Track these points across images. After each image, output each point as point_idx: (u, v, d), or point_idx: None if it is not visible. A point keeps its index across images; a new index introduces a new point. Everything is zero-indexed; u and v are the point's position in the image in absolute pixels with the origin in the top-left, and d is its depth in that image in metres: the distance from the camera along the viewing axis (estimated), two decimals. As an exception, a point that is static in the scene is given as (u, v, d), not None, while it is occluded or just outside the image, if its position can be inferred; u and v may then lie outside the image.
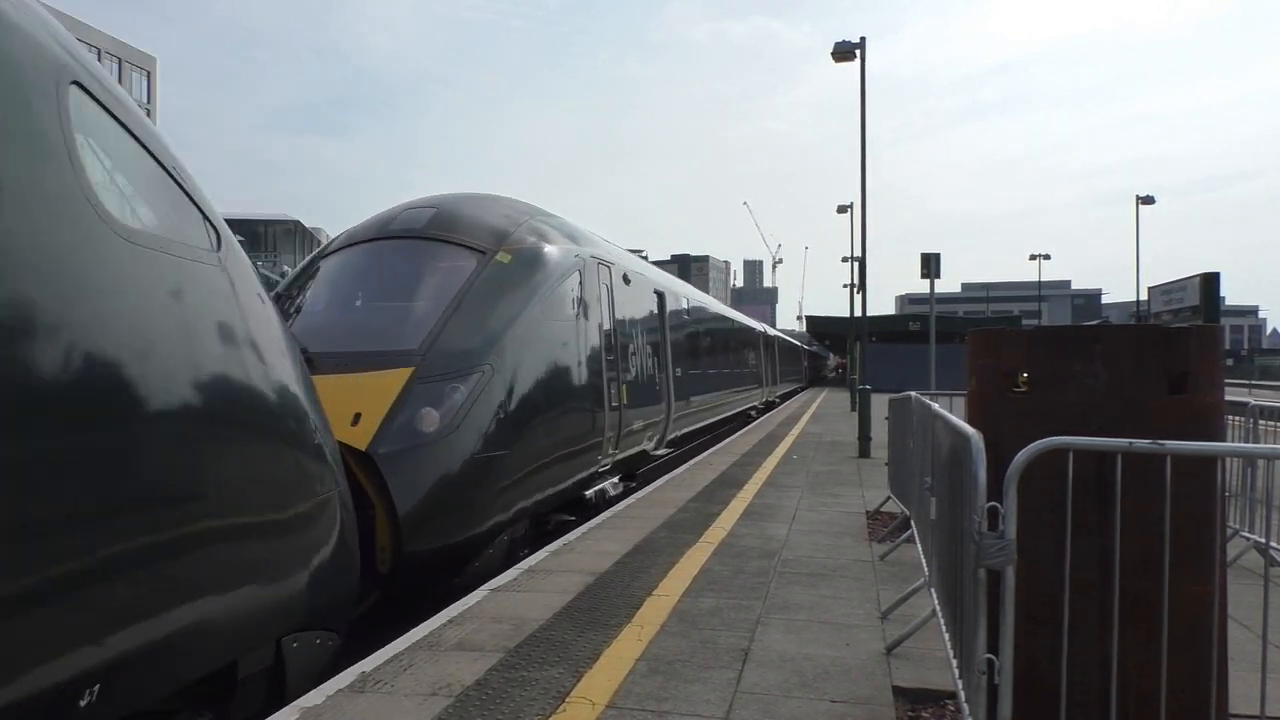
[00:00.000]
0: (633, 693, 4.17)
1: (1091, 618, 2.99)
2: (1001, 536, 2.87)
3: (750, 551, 7.30)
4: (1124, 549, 2.94)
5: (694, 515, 9.03)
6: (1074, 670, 2.99)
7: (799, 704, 4.04)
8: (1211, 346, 3.09)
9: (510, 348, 7.67)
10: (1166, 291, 39.65)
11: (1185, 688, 2.97)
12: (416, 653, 4.76)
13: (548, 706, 4.01)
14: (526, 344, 7.97)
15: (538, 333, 8.23)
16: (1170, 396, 3.01)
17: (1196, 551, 2.99)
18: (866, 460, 14.63)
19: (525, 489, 7.78)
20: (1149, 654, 2.94)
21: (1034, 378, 3.18)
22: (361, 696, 4.13)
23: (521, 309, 8.03)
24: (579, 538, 7.87)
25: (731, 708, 3.99)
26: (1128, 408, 3.02)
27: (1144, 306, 44.23)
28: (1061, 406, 3.09)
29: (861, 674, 4.44)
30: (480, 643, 4.92)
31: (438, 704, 4.03)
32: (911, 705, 4.10)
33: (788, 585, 6.21)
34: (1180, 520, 2.94)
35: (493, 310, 7.75)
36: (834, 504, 9.94)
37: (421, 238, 8.42)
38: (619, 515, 9.05)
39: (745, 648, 4.84)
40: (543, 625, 5.24)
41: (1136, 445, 2.83)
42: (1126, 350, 3.05)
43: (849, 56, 18.96)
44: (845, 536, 8.02)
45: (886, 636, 5.03)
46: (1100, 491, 2.97)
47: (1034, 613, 3.05)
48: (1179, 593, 2.95)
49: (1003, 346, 3.30)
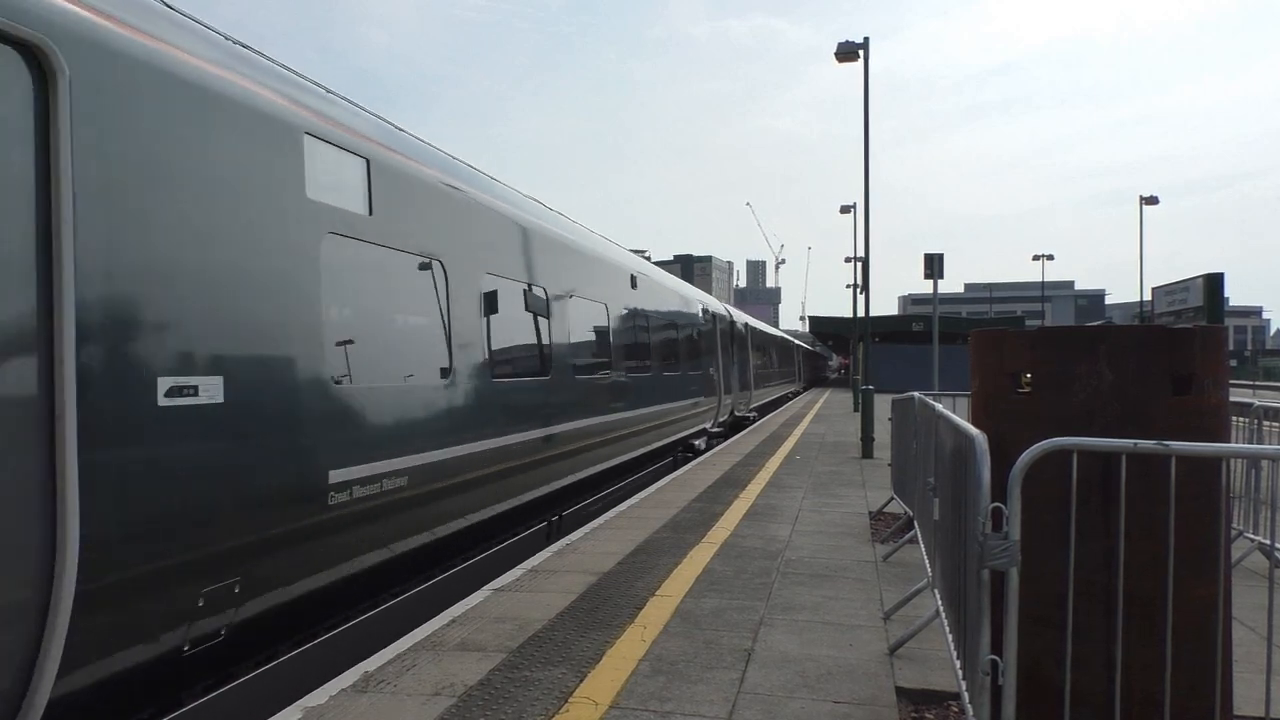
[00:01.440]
0: (636, 693, 4.17)
1: (1095, 619, 2.99)
2: (1005, 537, 2.86)
3: (753, 552, 7.30)
4: (1128, 550, 2.94)
5: (697, 515, 9.03)
6: (1078, 671, 2.99)
7: (802, 705, 4.04)
8: (1215, 347, 3.09)
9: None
10: (1170, 292, 39.58)
11: (1189, 689, 2.96)
12: (419, 653, 4.76)
13: (551, 706, 4.01)
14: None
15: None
16: (1174, 397, 3.01)
17: (1201, 553, 2.98)
18: (869, 461, 14.61)
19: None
20: (1153, 655, 2.94)
21: (1038, 378, 3.17)
22: (364, 696, 4.14)
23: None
24: (582, 537, 7.87)
25: (735, 708, 3.99)
26: (1132, 408, 3.02)
27: (1147, 307, 44.17)
28: (1065, 407, 3.09)
29: (864, 675, 4.43)
30: (483, 643, 4.92)
31: (441, 704, 4.03)
32: (915, 706, 4.09)
33: (791, 586, 6.21)
34: (1184, 521, 2.94)
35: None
36: (837, 505, 9.93)
37: None
38: (622, 515, 9.05)
39: (748, 648, 4.83)
40: (546, 625, 5.24)
41: (1141, 446, 2.82)
42: (1131, 351, 3.04)
43: (852, 57, 18.97)
44: (848, 537, 8.01)
45: (890, 637, 5.02)
46: (1104, 492, 2.97)
47: (1038, 613, 3.05)
48: (1183, 594, 2.95)
49: (1006, 347, 3.30)
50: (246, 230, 4.43)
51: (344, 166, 5.40)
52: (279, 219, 4.69)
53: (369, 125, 5.95)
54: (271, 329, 4.56)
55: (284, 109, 4.86)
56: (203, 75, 4.24)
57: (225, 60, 4.50)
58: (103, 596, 3.51)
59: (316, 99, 5.37)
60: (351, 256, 5.39)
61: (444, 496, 6.40)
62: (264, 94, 4.70)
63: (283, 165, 4.76)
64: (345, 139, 5.46)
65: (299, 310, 4.79)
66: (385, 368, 5.69)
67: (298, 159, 4.91)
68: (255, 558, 4.40)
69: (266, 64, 5.02)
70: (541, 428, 8.42)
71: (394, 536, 5.79)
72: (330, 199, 5.21)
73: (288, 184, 4.79)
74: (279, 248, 4.67)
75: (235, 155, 4.40)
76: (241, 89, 4.51)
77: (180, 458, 3.89)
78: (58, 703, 3.44)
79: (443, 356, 6.47)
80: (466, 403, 6.73)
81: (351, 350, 5.33)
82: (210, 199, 4.21)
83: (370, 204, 5.63)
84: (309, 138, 5.05)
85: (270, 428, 4.50)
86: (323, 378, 4.97)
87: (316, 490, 4.86)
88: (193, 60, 4.21)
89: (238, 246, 4.36)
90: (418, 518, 6.07)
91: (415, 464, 5.90)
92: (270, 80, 4.87)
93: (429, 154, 6.84)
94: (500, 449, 7.36)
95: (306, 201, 4.95)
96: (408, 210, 6.13)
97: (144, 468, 3.71)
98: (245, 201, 4.45)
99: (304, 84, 5.36)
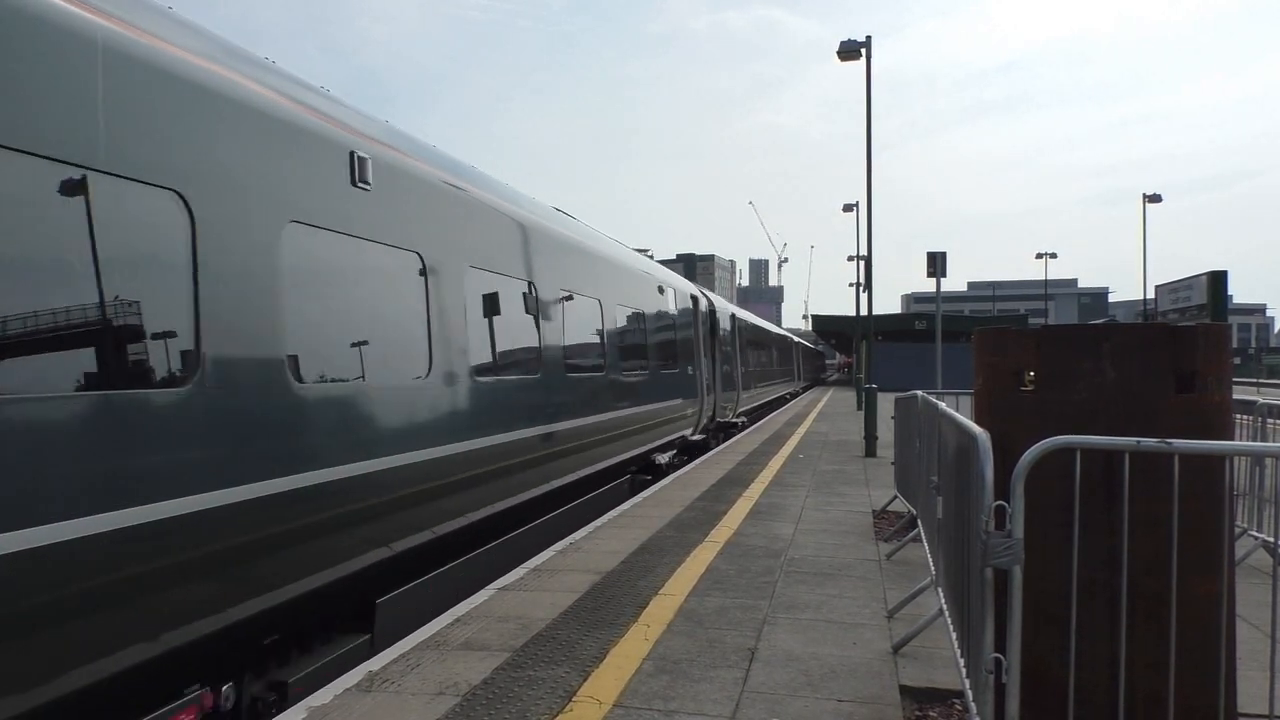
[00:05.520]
0: (639, 692, 4.18)
1: (1099, 617, 2.98)
2: (1009, 535, 2.86)
3: (757, 551, 7.30)
4: (1132, 548, 2.94)
5: (700, 514, 9.04)
6: (1082, 669, 2.98)
7: (806, 703, 4.04)
8: (1219, 345, 3.08)
9: None
10: (1174, 290, 39.51)
11: (1193, 687, 2.96)
12: (423, 652, 4.77)
13: (555, 705, 4.01)
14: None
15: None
16: (1178, 395, 3.01)
17: (1205, 550, 2.98)
18: (873, 459, 14.61)
19: None
20: (1157, 653, 2.94)
21: (1041, 376, 3.17)
22: (369, 695, 4.14)
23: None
24: (585, 537, 7.88)
25: (738, 707, 3.99)
26: (1135, 406, 3.01)
27: (1151, 305, 44.10)
28: (1069, 405, 3.08)
29: (868, 673, 4.44)
30: (487, 642, 4.93)
31: (445, 703, 4.04)
32: (918, 704, 4.09)
33: (794, 585, 6.21)
34: (1188, 519, 2.93)
35: None
36: (840, 503, 9.93)
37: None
38: (625, 514, 9.06)
39: (752, 647, 4.84)
40: (549, 624, 5.25)
41: (1144, 444, 2.82)
42: (1134, 349, 3.04)
43: (854, 55, 18.98)
44: (851, 536, 8.01)
45: (893, 636, 5.02)
46: (1108, 490, 2.97)
47: (1041, 611, 3.05)
48: (1187, 592, 2.94)
49: (1010, 345, 3.29)
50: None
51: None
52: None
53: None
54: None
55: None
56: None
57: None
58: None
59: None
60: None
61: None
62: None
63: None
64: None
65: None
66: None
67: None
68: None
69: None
70: (394, 453, 5.51)
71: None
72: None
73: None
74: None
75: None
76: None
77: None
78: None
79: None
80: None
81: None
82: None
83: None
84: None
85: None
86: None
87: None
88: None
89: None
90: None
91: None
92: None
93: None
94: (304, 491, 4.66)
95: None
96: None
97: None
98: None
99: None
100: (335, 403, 5.00)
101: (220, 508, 4.08)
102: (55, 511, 3.26)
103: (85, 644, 3.41)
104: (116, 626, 3.55)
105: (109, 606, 3.50)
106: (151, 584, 3.70)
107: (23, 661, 3.16)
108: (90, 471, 3.41)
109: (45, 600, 3.23)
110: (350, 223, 5.32)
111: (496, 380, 7.15)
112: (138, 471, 3.63)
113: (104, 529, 3.46)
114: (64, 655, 3.32)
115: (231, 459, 4.17)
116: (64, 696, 3.35)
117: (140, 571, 3.64)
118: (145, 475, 3.67)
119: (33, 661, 3.20)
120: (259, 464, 4.35)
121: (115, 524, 3.51)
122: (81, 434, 3.40)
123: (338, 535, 4.99)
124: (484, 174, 7.94)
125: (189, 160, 4.05)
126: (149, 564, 3.68)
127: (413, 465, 5.75)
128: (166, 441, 3.80)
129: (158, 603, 3.74)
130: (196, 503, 3.94)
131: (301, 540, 4.66)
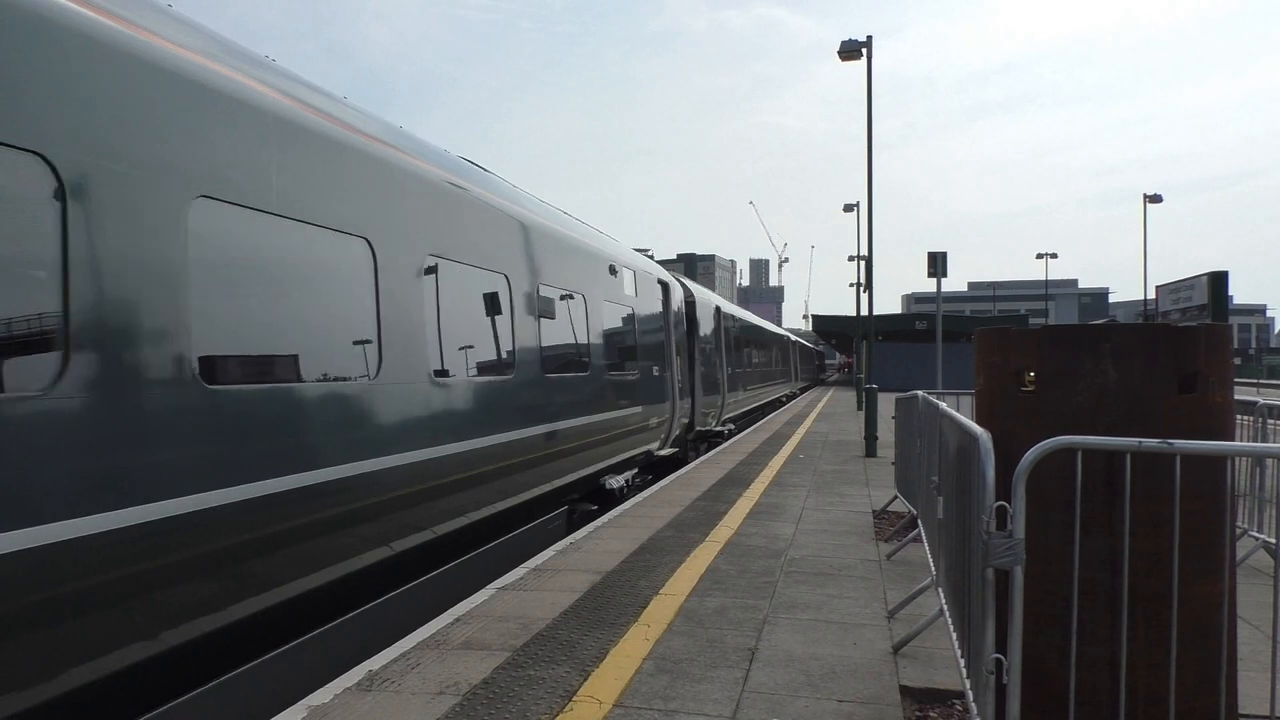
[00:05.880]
0: (640, 692, 4.17)
1: (1100, 617, 2.98)
2: (1010, 536, 2.86)
3: (757, 551, 7.30)
4: (1133, 548, 2.94)
5: (701, 514, 9.03)
6: (1082, 670, 2.98)
7: (806, 703, 4.04)
8: (1220, 346, 3.08)
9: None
10: (1174, 290, 39.50)
11: (1194, 687, 2.96)
12: (423, 651, 4.77)
13: (555, 705, 4.01)
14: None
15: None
16: (1179, 396, 3.00)
17: (1206, 551, 2.97)
18: (873, 459, 14.60)
19: None
20: (1158, 654, 2.94)
21: (1042, 376, 3.17)
22: (369, 695, 4.14)
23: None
24: (585, 536, 7.87)
25: (739, 707, 3.99)
26: (1136, 407, 3.01)
27: (1152, 305, 44.10)
28: (1070, 405, 3.08)
29: (869, 673, 4.43)
30: (487, 641, 4.93)
31: (445, 702, 4.04)
32: (919, 705, 4.09)
33: (794, 585, 6.21)
34: (1189, 519, 2.93)
35: None
36: (840, 503, 9.93)
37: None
38: (626, 514, 9.06)
39: (752, 647, 4.83)
40: (549, 624, 5.25)
41: (1146, 444, 2.82)
42: (1135, 349, 3.04)
43: (855, 55, 18.97)
44: (852, 536, 8.01)
45: (893, 636, 5.02)
46: (1109, 490, 2.97)
47: (1042, 612, 3.05)
48: (1188, 592, 2.94)
49: (1010, 345, 3.29)
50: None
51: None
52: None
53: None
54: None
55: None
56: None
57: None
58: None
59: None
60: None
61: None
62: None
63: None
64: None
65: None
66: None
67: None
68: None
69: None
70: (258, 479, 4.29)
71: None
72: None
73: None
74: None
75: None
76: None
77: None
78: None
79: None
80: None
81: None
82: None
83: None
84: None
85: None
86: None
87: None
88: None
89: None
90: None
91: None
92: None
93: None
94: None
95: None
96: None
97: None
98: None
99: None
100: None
101: (85, 538, 3.30)
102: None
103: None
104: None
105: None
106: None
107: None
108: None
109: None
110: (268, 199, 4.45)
111: (328, 389, 4.89)
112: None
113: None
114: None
115: (113, 477, 3.40)
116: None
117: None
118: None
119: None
120: (128, 487, 3.50)
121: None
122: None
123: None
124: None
125: (52, 115, 3.27)
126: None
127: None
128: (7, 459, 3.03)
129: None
130: (48, 533, 3.15)
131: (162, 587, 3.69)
